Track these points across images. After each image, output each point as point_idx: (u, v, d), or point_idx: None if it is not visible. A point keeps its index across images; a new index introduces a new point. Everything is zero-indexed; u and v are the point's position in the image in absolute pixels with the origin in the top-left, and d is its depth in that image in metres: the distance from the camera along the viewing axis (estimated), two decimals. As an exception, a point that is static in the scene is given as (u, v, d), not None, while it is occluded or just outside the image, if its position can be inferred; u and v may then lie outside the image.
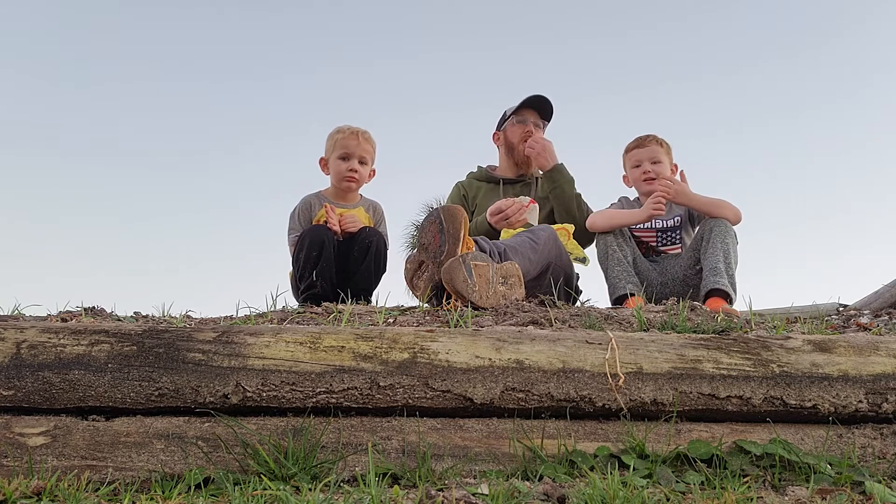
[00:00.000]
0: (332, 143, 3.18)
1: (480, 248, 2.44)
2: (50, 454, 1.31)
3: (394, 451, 1.36)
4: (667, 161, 3.14)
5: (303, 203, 3.18)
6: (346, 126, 3.20)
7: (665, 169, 3.09)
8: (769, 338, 1.55)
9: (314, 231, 2.90)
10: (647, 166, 3.09)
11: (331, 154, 3.18)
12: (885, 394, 1.45)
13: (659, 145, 3.14)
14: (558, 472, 1.30)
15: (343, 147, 3.14)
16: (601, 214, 3.04)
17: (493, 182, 3.50)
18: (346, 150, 3.13)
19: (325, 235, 2.87)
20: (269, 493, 1.18)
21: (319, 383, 1.39)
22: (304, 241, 2.86)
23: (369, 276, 2.92)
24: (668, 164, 3.14)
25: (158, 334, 1.44)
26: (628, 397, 1.42)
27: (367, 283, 2.93)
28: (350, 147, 3.13)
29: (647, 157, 3.10)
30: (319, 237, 2.86)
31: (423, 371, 1.41)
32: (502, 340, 1.48)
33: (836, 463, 1.35)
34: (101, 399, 1.37)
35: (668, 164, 3.14)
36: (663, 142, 3.17)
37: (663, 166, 3.09)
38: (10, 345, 1.41)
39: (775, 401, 1.43)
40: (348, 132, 3.16)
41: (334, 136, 3.19)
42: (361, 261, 2.91)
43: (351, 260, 2.92)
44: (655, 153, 3.10)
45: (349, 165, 3.12)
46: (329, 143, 3.21)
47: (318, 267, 2.83)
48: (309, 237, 2.86)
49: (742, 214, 2.86)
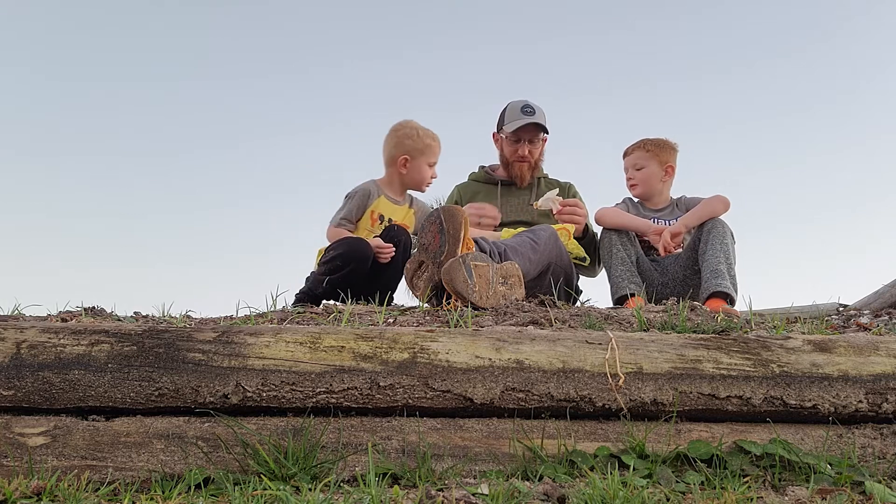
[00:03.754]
0: (421, 146, 3.20)
1: (480, 248, 2.44)
2: (50, 454, 1.31)
3: (394, 451, 1.36)
4: (653, 164, 3.17)
5: (363, 189, 3.18)
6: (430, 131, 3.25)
7: (650, 173, 3.16)
8: (769, 338, 1.55)
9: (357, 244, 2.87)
10: (631, 173, 3.22)
11: (419, 157, 3.19)
12: (885, 394, 1.45)
13: (644, 150, 3.20)
14: (558, 472, 1.30)
15: (434, 155, 3.23)
16: (611, 212, 3.06)
17: (492, 183, 3.49)
18: (435, 158, 3.24)
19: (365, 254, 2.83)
20: (269, 493, 1.18)
21: (319, 383, 1.39)
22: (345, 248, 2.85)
23: (397, 275, 2.92)
24: (658, 165, 3.18)
25: (158, 334, 1.44)
26: (628, 397, 1.42)
27: (392, 282, 2.94)
28: (437, 155, 3.25)
29: (630, 164, 3.23)
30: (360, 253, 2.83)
31: (423, 371, 1.41)
32: (502, 340, 1.48)
33: (836, 463, 1.35)
34: (101, 399, 1.38)
35: (657, 166, 3.18)
36: (649, 145, 3.21)
37: (648, 170, 3.17)
38: (10, 345, 1.41)
39: (775, 401, 1.43)
40: (437, 140, 3.25)
41: (424, 140, 3.20)
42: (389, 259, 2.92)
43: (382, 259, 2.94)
44: (637, 160, 3.20)
45: (433, 173, 3.25)
46: (416, 143, 3.20)
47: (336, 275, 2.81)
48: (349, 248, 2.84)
49: (729, 199, 2.91)
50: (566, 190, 3.50)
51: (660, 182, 3.18)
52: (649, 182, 3.17)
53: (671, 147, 3.23)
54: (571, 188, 3.53)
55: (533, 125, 3.32)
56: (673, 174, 3.21)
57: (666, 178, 3.19)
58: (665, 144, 3.22)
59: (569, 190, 3.51)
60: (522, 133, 3.34)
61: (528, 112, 3.33)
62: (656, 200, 3.20)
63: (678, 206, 3.18)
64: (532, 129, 3.34)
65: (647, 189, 3.18)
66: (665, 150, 3.20)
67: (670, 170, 3.19)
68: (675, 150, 3.24)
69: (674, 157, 3.22)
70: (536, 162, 3.45)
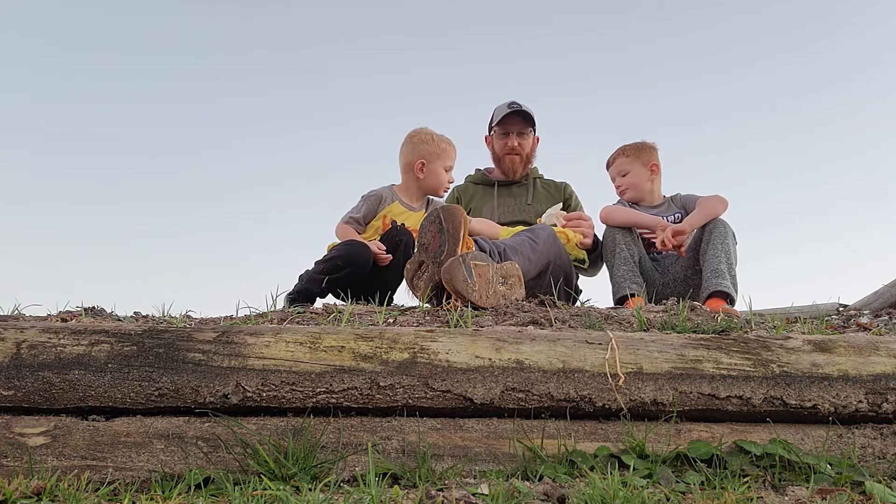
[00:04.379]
0: (437, 151, 3.23)
1: (480, 248, 2.44)
2: (50, 454, 1.31)
3: (394, 451, 1.36)
4: (636, 166, 3.20)
5: (376, 194, 3.21)
6: (445, 136, 3.28)
7: (636, 175, 3.19)
8: (769, 338, 1.55)
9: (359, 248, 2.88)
10: (618, 181, 3.26)
11: (436, 161, 3.22)
12: (885, 394, 1.45)
13: (624, 156, 3.24)
14: (558, 472, 1.30)
15: (450, 158, 3.27)
16: (618, 210, 3.06)
17: (488, 185, 3.51)
18: (451, 161, 3.28)
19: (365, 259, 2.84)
20: (269, 493, 1.18)
21: (319, 383, 1.39)
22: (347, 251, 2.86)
23: (397, 275, 2.92)
24: (641, 165, 3.20)
25: (158, 334, 1.44)
26: (628, 397, 1.42)
27: (392, 281, 2.95)
28: (453, 159, 3.29)
29: (615, 173, 3.28)
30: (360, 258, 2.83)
31: (423, 371, 1.41)
32: (502, 340, 1.48)
33: (836, 463, 1.35)
34: (101, 399, 1.38)
35: (641, 167, 3.20)
36: (628, 150, 3.24)
37: (633, 173, 3.20)
38: (10, 345, 1.41)
39: (775, 401, 1.43)
40: (452, 145, 3.29)
41: (439, 145, 3.24)
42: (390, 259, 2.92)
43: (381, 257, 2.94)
44: (621, 166, 3.25)
45: (450, 177, 3.29)
46: (432, 147, 3.23)
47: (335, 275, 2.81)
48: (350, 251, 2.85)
49: (727, 198, 2.94)
50: (562, 190, 3.52)
51: (648, 182, 3.20)
52: (637, 184, 3.19)
53: (650, 146, 3.26)
54: (567, 188, 3.54)
55: (519, 115, 3.40)
56: (659, 171, 3.23)
57: (653, 176, 3.21)
58: (643, 145, 3.25)
59: (565, 190, 3.52)
60: (510, 125, 3.41)
61: (514, 107, 3.41)
62: (649, 199, 3.21)
63: (673, 202, 3.19)
64: (519, 120, 3.41)
65: (637, 191, 3.20)
66: (645, 150, 3.23)
67: (655, 167, 3.21)
68: (655, 148, 3.27)
69: (655, 155, 3.24)
70: (528, 156, 3.48)
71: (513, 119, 3.41)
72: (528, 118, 3.43)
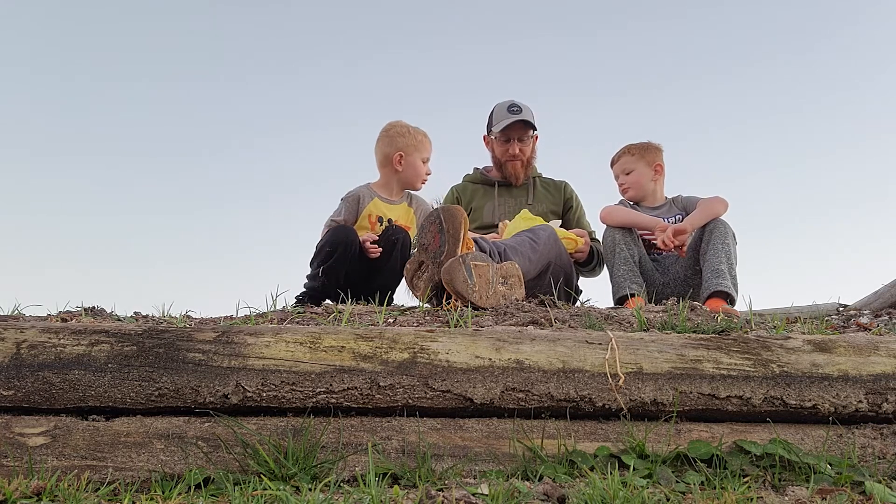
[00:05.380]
0: (414, 143, 3.25)
1: (480, 248, 2.44)
2: (50, 454, 1.31)
3: (394, 451, 1.36)
4: (641, 165, 3.20)
5: (353, 195, 3.23)
6: (419, 128, 3.30)
7: (639, 175, 3.20)
8: (769, 338, 1.55)
9: (341, 230, 2.96)
10: (622, 179, 3.27)
11: (414, 153, 3.24)
12: (885, 394, 1.45)
13: (630, 154, 3.24)
14: (558, 472, 1.30)
15: (427, 150, 3.29)
16: (618, 210, 3.06)
17: (488, 185, 3.50)
18: (428, 153, 3.29)
19: (349, 238, 2.90)
20: (269, 493, 1.18)
21: (319, 383, 1.39)
22: (330, 235, 2.95)
23: (394, 274, 2.93)
24: (646, 165, 3.20)
25: (158, 334, 1.44)
26: (628, 397, 1.42)
27: (391, 281, 2.95)
28: (430, 151, 3.31)
29: (619, 171, 3.28)
30: (344, 237, 2.90)
31: (423, 371, 1.41)
32: (502, 340, 1.48)
33: (836, 463, 1.35)
34: (101, 399, 1.38)
35: (645, 166, 3.20)
36: (634, 149, 3.24)
37: (637, 172, 3.21)
38: (10, 345, 1.41)
39: (775, 401, 1.43)
40: (427, 137, 3.31)
41: (416, 136, 3.26)
42: (387, 258, 2.93)
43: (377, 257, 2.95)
44: (625, 165, 3.25)
45: (428, 169, 3.30)
46: (408, 140, 3.25)
47: (327, 263, 2.85)
48: (334, 234, 2.94)
49: (727, 199, 2.95)
50: (562, 189, 3.51)
51: (651, 182, 3.20)
52: (640, 183, 3.19)
53: (655, 147, 3.25)
54: (567, 187, 3.53)
55: (521, 123, 3.36)
56: (663, 172, 3.23)
57: (656, 176, 3.21)
58: (649, 146, 3.25)
59: (565, 189, 3.51)
60: (511, 132, 3.38)
61: (514, 111, 3.37)
62: (651, 200, 3.21)
63: (675, 203, 3.19)
64: (520, 126, 3.38)
65: (640, 190, 3.20)
66: (650, 150, 3.23)
67: (659, 168, 3.21)
68: (660, 149, 3.27)
69: (660, 156, 3.24)
70: (529, 160, 3.47)
71: (514, 125, 3.37)
72: (528, 124, 3.39)
